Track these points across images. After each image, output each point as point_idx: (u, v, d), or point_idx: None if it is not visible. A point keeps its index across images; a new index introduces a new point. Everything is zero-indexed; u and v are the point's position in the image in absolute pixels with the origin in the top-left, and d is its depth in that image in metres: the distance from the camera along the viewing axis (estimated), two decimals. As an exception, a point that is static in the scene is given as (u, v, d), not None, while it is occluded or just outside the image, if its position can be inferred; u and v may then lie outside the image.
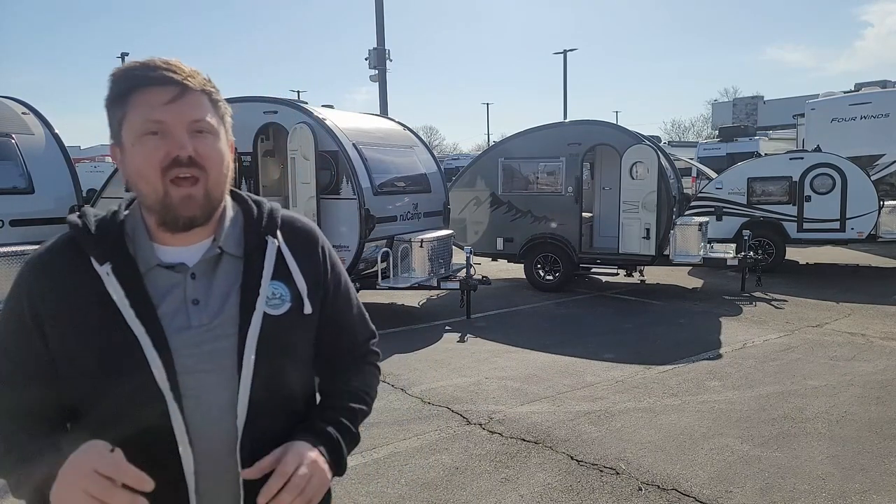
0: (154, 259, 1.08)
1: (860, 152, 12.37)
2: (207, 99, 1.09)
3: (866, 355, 6.17)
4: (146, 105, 1.03)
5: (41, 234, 6.67)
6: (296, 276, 1.15)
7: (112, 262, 1.05)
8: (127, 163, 1.06)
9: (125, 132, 1.06)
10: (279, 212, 1.20)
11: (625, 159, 9.30)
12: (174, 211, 1.05)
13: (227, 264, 1.12)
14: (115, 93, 1.06)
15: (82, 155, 34.70)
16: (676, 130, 61.68)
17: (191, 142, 1.04)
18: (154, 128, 1.03)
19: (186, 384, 1.04)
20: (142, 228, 1.10)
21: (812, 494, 3.55)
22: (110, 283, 1.03)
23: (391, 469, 3.92)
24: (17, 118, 7.09)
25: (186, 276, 1.09)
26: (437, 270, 8.04)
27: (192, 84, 1.06)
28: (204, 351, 1.07)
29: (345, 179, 7.56)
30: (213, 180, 1.07)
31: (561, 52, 38.75)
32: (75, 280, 1.05)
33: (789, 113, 21.33)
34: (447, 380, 5.63)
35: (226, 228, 1.14)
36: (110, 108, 1.07)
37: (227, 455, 1.07)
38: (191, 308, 1.08)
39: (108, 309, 1.03)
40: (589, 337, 7.15)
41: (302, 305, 1.15)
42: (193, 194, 1.05)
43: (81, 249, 1.07)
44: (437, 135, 74.23)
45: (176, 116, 1.03)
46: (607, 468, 3.90)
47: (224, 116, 1.13)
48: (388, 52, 18.47)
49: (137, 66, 1.05)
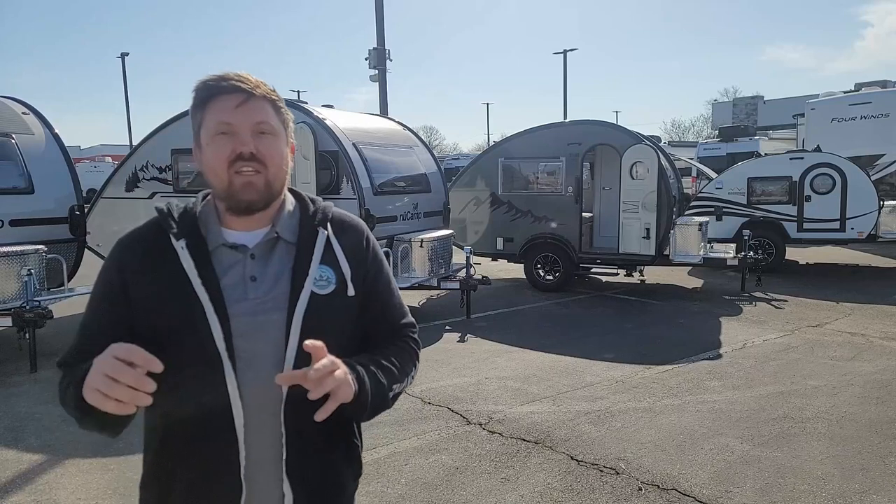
0: (220, 239, 1.27)
1: (860, 152, 12.37)
2: (270, 105, 1.26)
3: (866, 355, 6.17)
4: (218, 110, 1.23)
5: (41, 234, 6.68)
6: (342, 262, 1.31)
7: (187, 239, 1.24)
8: (203, 159, 1.27)
9: (203, 134, 1.26)
10: (331, 208, 1.38)
11: (625, 159, 9.30)
12: (237, 195, 1.23)
13: (282, 249, 1.29)
14: (195, 102, 1.26)
15: (82, 155, 34.80)
16: (676, 130, 61.77)
17: (253, 141, 1.22)
18: (224, 128, 1.22)
19: (241, 347, 1.21)
20: (213, 214, 1.30)
21: (812, 494, 3.55)
22: (184, 256, 1.22)
23: (391, 469, 3.92)
24: (17, 118, 7.09)
25: (247, 255, 1.26)
26: (437, 270, 8.04)
27: (257, 92, 1.24)
28: (258, 321, 1.23)
29: (345, 179, 7.56)
30: (272, 174, 1.25)
31: (561, 52, 38.81)
32: (156, 254, 1.24)
33: (789, 113, 21.34)
34: (447, 380, 5.63)
35: (283, 218, 1.31)
36: (193, 114, 1.28)
37: (273, 415, 1.23)
38: (248, 283, 1.25)
39: (181, 278, 1.21)
40: (589, 337, 7.15)
41: (346, 288, 1.30)
42: (254, 181, 1.23)
43: (163, 230, 1.26)
44: (437, 135, 74.34)
45: (242, 119, 1.22)
46: (607, 468, 3.90)
47: (287, 122, 1.30)
48: (388, 52, 18.45)
49: (214, 78, 1.25)
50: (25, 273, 5.94)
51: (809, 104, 15.22)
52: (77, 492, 3.69)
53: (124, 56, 36.91)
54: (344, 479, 1.37)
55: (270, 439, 1.23)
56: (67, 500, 3.61)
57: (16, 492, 3.70)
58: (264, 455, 1.24)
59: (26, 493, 3.68)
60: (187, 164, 8.18)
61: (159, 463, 1.26)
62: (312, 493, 1.28)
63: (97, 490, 3.71)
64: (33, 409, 5.00)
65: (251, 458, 1.23)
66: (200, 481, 1.23)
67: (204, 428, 1.21)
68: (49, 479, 3.86)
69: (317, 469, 1.29)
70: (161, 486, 1.26)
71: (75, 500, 3.61)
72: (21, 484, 3.79)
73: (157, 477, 1.27)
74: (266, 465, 1.24)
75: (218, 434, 1.21)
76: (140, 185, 8.54)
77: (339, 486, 1.36)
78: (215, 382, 1.19)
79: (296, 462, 1.25)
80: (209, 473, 1.22)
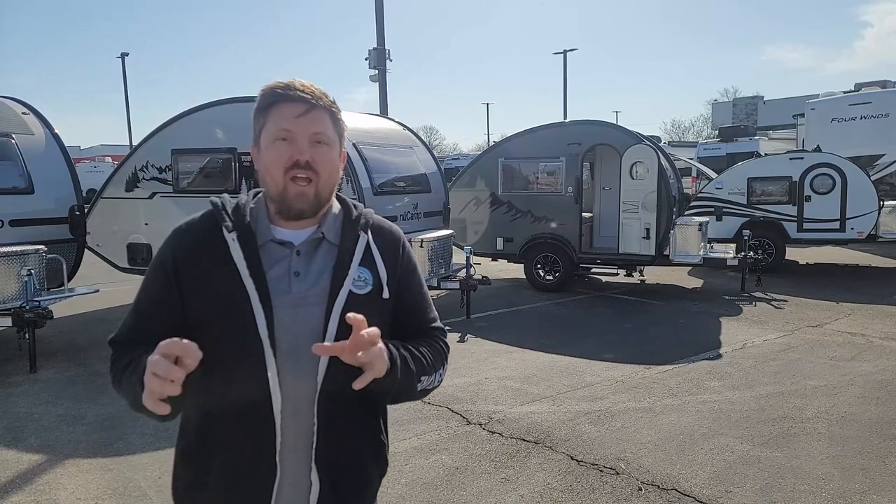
0: (269, 235, 1.34)
1: (860, 152, 12.37)
2: (329, 117, 1.33)
3: (866, 355, 6.17)
4: (281, 117, 1.30)
5: (41, 234, 6.68)
6: (379, 266, 1.38)
7: (238, 232, 1.31)
8: (260, 161, 1.34)
9: (263, 137, 1.32)
10: (372, 215, 1.45)
11: (625, 159, 9.30)
12: (289, 203, 1.31)
13: (325, 249, 1.36)
14: (260, 105, 1.33)
15: (82, 155, 34.80)
16: (676, 130, 61.76)
17: (310, 150, 1.30)
18: (284, 135, 1.29)
19: (281, 337, 1.27)
20: (263, 212, 1.36)
21: (812, 494, 3.55)
22: (234, 247, 1.29)
23: (391, 469, 3.88)
24: (17, 118, 7.08)
25: (293, 252, 1.34)
26: (437, 270, 8.04)
27: (318, 103, 1.31)
28: (299, 313, 1.30)
29: (345, 179, 7.55)
30: (324, 183, 1.33)
31: (561, 52, 38.84)
32: (209, 243, 1.31)
33: (789, 113, 21.33)
34: (447, 380, 5.58)
35: (329, 221, 1.38)
36: (256, 117, 1.34)
37: (308, 404, 1.29)
38: (292, 278, 1.32)
39: (230, 267, 1.28)
40: (589, 337, 7.15)
41: (382, 290, 1.37)
42: (306, 192, 1.31)
43: (216, 222, 1.33)
44: (437, 135, 74.36)
45: (302, 128, 1.29)
46: (607, 468, 3.90)
47: (342, 132, 1.38)
48: (388, 52, 18.46)
49: (280, 85, 1.31)
50: (25, 273, 5.94)
51: (809, 104, 15.21)
52: (77, 492, 3.69)
53: (124, 56, 36.94)
54: (370, 474, 1.42)
55: (304, 427, 1.29)
56: (67, 500, 3.61)
57: (16, 492, 3.70)
58: (297, 442, 1.30)
59: (26, 493, 3.68)
60: (187, 164, 8.17)
61: (198, 442, 1.33)
62: (338, 483, 1.34)
63: (97, 490, 3.70)
64: (33, 409, 5.00)
65: (286, 444, 1.29)
66: (238, 462, 1.29)
67: (244, 412, 1.28)
68: (49, 479, 3.85)
69: (344, 460, 1.35)
70: (198, 464, 1.33)
71: (75, 500, 3.61)
72: (21, 484, 3.79)
73: (194, 455, 1.34)
74: (298, 452, 1.30)
75: (257, 419, 1.27)
76: (140, 185, 8.53)
77: (364, 481, 1.41)
78: (257, 369, 1.26)
79: (325, 451, 1.31)
80: (247, 455, 1.29)
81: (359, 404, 1.35)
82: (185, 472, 1.36)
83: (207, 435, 1.31)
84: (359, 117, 8.95)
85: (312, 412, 1.29)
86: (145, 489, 3.69)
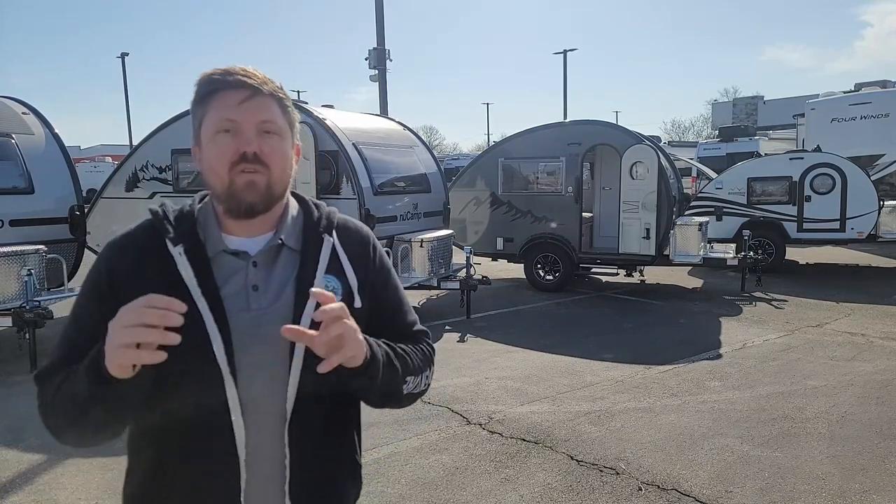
0: (220, 245, 1.18)
1: (860, 152, 12.37)
2: (277, 104, 1.19)
3: (866, 355, 6.17)
4: (222, 106, 1.15)
5: (41, 234, 6.68)
6: (347, 272, 1.24)
7: (184, 244, 1.15)
8: (202, 158, 1.18)
9: (203, 130, 1.17)
10: (336, 214, 1.31)
11: (625, 159, 9.30)
12: (238, 196, 1.15)
13: (285, 256, 1.21)
14: (197, 96, 1.18)
15: (82, 155, 34.79)
16: (676, 130, 61.74)
17: (257, 140, 1.14)
18: (227, 126, 1.14)
19: (242, 361, 1.13)
20: (212, 218, 1.21)
21: (812, 494, 3.55)
22: (181, 262, 1.14)
23: (391, 469, 3.92)
24: (17, 118, 7.08)
25: (248, 263, 1.18)
26: (437, 270, 8.04)
27: (263, 89, 1.16)
28: (261, 333, 1.15)
29: (345, 179, 7.56)
30: (276, 177, 1.17)
31: (561, 52, 38.80)
32: (150, 259, 1.16)
33: (789, 113, 21.32)
34: (447, 380, 5.63)
35: (287, 225, 1.23)
36: (194, 110, 1.19)
37: (277, 436, 1.15)
38: (251, 293, 1.17)
39: (177, 286, 1.11)
40: (589, 337, 7.15)
41: (353, 299, 1.22)
42: (256, 181, 1.15)
43: (157, 233, 1.17)
44: (437, 135, 74.30)
45: (246, 116, 1.14)
46: (607, 468, 3.90)
47: (293, 122, 1.23)
48: (388, 52, 18.45)
49: (218, 72, 1.17)
50: (25, 273, 5.94)
51: (809, 104, 15.21)
52: (77, 492, 3.69)
53: (124, 56, 36.91)
54: (347, 499, 1.30)
55: (273, 459, 1.16)
56: (67, 500, 3.61)
57: (16, 492, 3.70)
58: (266, 475, 1.16)
59: (26, 493, 3.68)
60: (187, 164, 8.18)
61: (151, 484, 1.17)
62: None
63: (97, 490, 3.70)
64: (33, 409, 4.91)
65: (252, 480, 1.15)
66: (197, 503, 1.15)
67: (203, 448, 1.13)
68: (49, 479, 3.85)
69: (321, 490, 1.22)
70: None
71: (75, 500, 3.61)
72: (21, 484, 3.79)
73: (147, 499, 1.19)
74: (268, 487, 1.17)
75: (217, 453, 1.12)
76: (140, 185, 8.54)
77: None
78: (216, 398, 1.11)
79: (299, 485, 1.17)
80: (207, 496, 1.14)
81: (333, 425, 1.23)
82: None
83: (162, 475, 1.16)
84: (359, 117, 8.95)
85: (283, 443, 1.15)
86: (145, 489, 3.68)
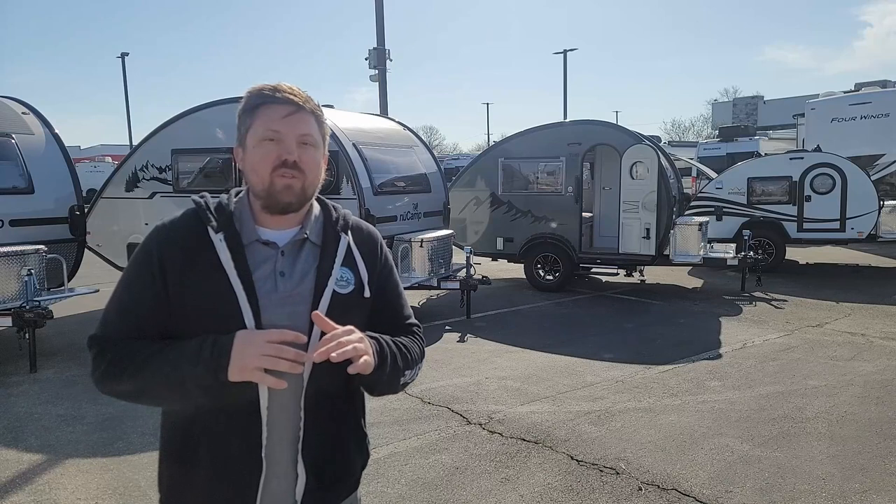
0: (254, 235, 1.36)
1: (860, 152, 12.38)
2: (315, 120, 1.37)
3: (866, 355, 6.17)
4: (268, 118, 1.33)
5: (41, 234, 6.68)
6: (360, 265, 1.44)
7: (224, 232, 1.33)
8: (246, 160, 1.37)
9: (250, 137, 1.35)
10: (351, 216, 1.51)
11: (625, 159, 9.30)
12: (276, 196, 1.33)
13: (308, 249, 1.40)
14: (246, 107, 1.36)
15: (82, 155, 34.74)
16: (676, 130, 61.69)
17: (297, 150, 1.33)
18: (272, 135, 1.32)
19: None
20: (247, 212, 1.39)
21: (812, 494, 3.55)
22: (221, 248, 1.32)
23: (391, 469, 3.92)
24: (17, 118, 7.08)
25: (277, 252, 1.36)
26: (437, 270, 8.03)
27: (305, 106, 1.35)
28: (285, 312, 1.33)
29: (345, 179, 7.55)
30: (310, 181, 1.36)
31: (561, 52, 38.78)
32: (194, 243, 1.33)
33: (789, 113, 21.36)
34: (447, 380, 5.63)
35: (311, 222, 1.42)
36: (241, 118, 1.37)
37: (295, 401, 1.33)
38: (278, 277, 1.35)
39: (217, 268, 1.30)
40: (589, 337, 7.15)
41: (363, 290, 1.43)
42: (293, 185, 1.33)
43: (200, 222, 1.35)
44: (437, 135, 74.29)
45: (289, 128, 1.33)
46: (607, 468, 3.90)
47: (325, 135, 1.42)
48: (388, 52, 18.45)
49: (268, 88, 1.35)
50: (25, 273, 5.94)
51: (809, 104, 15.22)
52: (77, 492, 3.69)
53: (124, 56, 36.91)
54: (353, 464, 1.47)
55: (290, 423, 1.33)
56: (67, 500, 3.61)
57: (16, 492, 3.70)
58: (284, 437, 1.33)
59: (26, 493, 3.68)
60: (187, 164, 8.18)
61: (184, 438, 1.34)
62: (324, 474, 1.38)
63: (97, 490, 3.71)
64: (33, 409, 5.00)
65: (272, 439, 1.32)
66: (224, 458, 1.31)
67: (231, 409, 1.29)
68: (49, 479, 3.85)
69: (329, 452, 1.39)
70: (184, 460, 1.34)
71: (75, 500, 3.61)
72: (21, 484, 3.79)
73: (180, 451, 1.35)
74: (284, 446, 1.34)
75: (244, 415, 1.30)
76: (140, 185, 8.53)
77: (348, 471, 1.46)
78: None
79: (311, 445, 1.35)
80: (233, 451, 1.31)
81: (342, 398, 1.41)
82: (171, 467, 1.37)
83: (194, 431, 1.32)
84: (359, 117, 8.95)
85: (299, 407, 1.33)
86: (145, 489, 3.68)
